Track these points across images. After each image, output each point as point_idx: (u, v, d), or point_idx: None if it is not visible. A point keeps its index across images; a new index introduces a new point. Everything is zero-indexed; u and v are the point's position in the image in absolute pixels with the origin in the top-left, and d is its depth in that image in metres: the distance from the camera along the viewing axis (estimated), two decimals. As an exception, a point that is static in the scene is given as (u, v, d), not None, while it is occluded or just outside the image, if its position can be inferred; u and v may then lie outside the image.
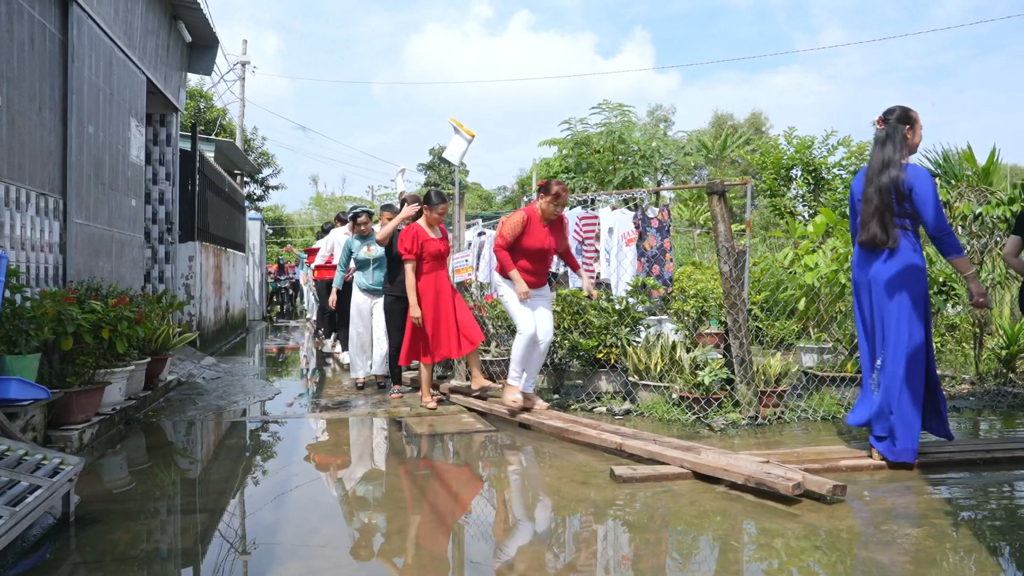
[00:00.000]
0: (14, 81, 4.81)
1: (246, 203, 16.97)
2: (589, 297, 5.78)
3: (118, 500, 3.60)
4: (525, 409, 5.25)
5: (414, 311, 5.62)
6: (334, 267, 7.85)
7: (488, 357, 6.82)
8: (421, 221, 5.83)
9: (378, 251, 6.75)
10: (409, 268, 5.66)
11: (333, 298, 7.38)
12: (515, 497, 3.76)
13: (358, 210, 6.95)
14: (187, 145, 9.60)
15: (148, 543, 3.02)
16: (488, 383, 5.85)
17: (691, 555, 2.96)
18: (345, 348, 8.81)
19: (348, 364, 7.80)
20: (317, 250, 9.17)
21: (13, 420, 3.80)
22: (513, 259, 5.24)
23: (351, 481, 4.02)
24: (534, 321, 5.24)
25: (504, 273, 5.32)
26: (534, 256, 5.30)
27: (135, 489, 3.81)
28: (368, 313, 6.84)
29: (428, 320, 5.67)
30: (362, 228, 6.84)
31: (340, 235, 8.19)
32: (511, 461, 4.50)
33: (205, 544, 3.04)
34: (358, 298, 6.88)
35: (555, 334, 6.28)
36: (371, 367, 6.88)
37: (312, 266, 8.39)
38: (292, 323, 17.49)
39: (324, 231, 10.56)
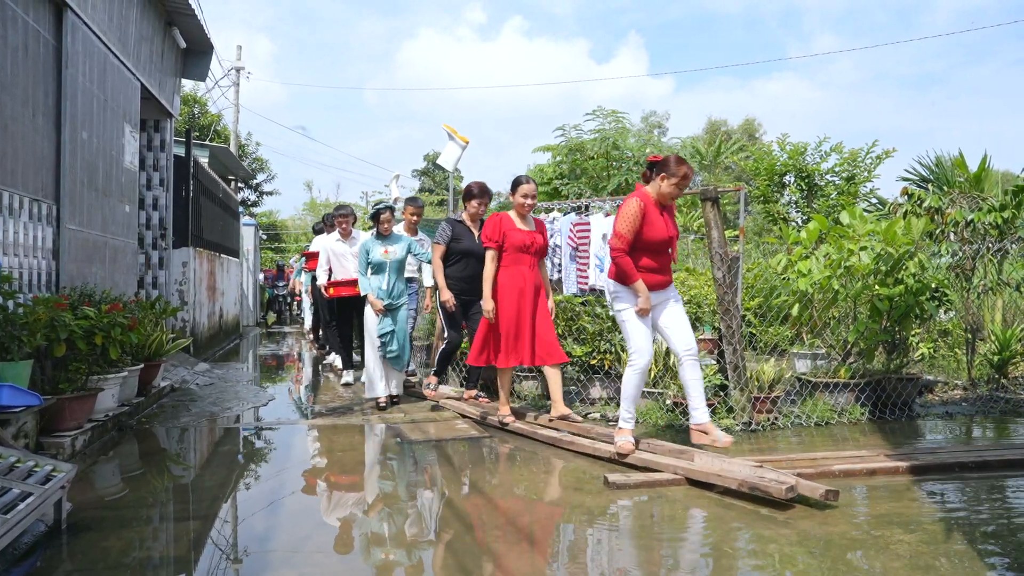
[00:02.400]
0: (7, 87, 4.80)
1: (240, 209, 16.95)
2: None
3: (110, 507, 3.58)
4: (622, 454, 4.27)
5: (486, 304, 5.10)
6: (345, 283, 7.29)
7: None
8: (511, 210, 5.31)
9: (398, 253, 6.18)
10: (488, 258, 5.16)
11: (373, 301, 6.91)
12: (509, 503, 3.76)
13: (380, 206, 6.26)
14: (181, 151, 9.58)
15: (141, 550, 3.01)
16: (567, 411, 5.04)
17: (685, 561, 2.96)
18: (336, 352, 8.77)
19: (342, 370, 7.78)
20: (315, 254, 8.54)
21: (5, 427, 3.78)
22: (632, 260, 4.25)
23: (344, 488, 4.01)
24: (651, 346, 4.30)
25: (623, 281, 4.28)
26: (657, 250, 4.30)
27: (128, 496, 3.79)
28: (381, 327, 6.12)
29: (504, 317, 5.06)
30: (385, 227, 6.16)
31: (331, 242, 7.73)
32: (505, 468, 4.50)
33: (198, 551, 3.03)
34: (372, 318, 6.13)
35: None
36: (393, 386, 6.26)
37: (321, 284, 7.78)
38: (286, 329, 17.45)
39: (316, 231, 10.18)
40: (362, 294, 6.18)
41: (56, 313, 4.28)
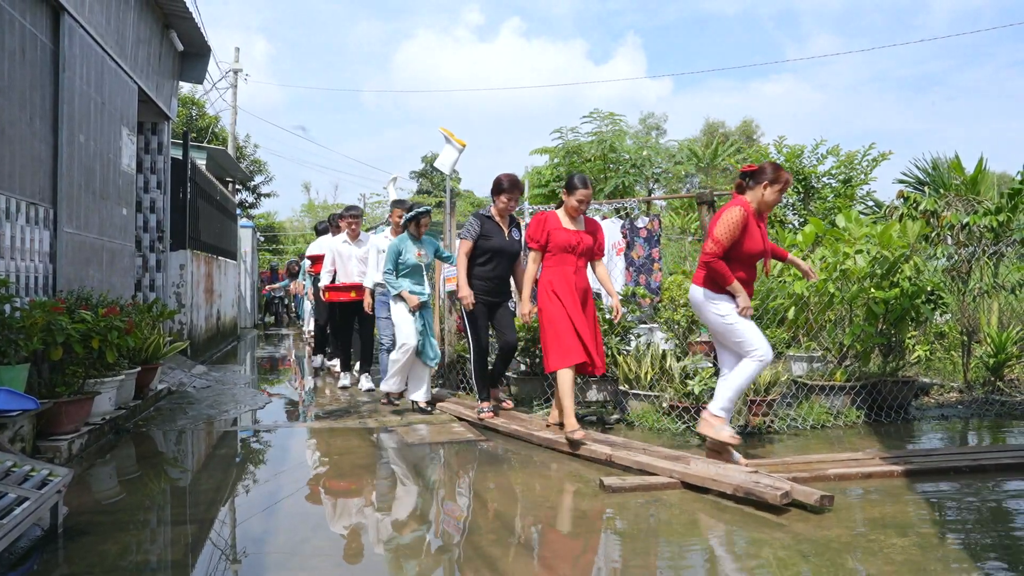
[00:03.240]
0: (5, 91, 4.81)
1: (238, 211, 16.94)
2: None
3: (107, 511, 3.58)
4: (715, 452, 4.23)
5: (524, 306, 4.88)
6: (344, 288, 7.25)
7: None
8: (560, 209, 5.02)
9: (429, 256, 6.21)
10: (531, 258, 4.94)
11: (368, 302, 6.75)
12: (504, 507, 3.76)
13: (420, 210, 6.15)
14: (179, 153, 9.59)
15: (138, 554, 3.01)
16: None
17: (680, 565, 2.97)
18: (333, 357, 8.76)
19: (339, 373, 7.78)
20: (321, 257, 8.23)
21: (1, 431, 3.78)
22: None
23: (341, 491, 4.02)
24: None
25: (718, 286, 4.19)
26: (751, 263, 4.23)
27: (125, 500, 3.79)
28: (415, 325, 6.06)
29: (559, 318, 4.72)
30: (422, 230, 6.18)
31: (338, 243, 7.58)
32: (502, 471, 4.50)
33: (195, 555, 3.03)
34: (408, 321, 6.04)
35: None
36: (423, 393, 6.13)
37: (322, 286, 7.59)
38: (284, 331, 17.44)
39: (318, 231, 9.93)
40: (392, 293, 6.10)
41: (53, 317, 4.29)
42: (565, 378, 4.69)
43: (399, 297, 6.08)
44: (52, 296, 5.42)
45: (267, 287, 19.76)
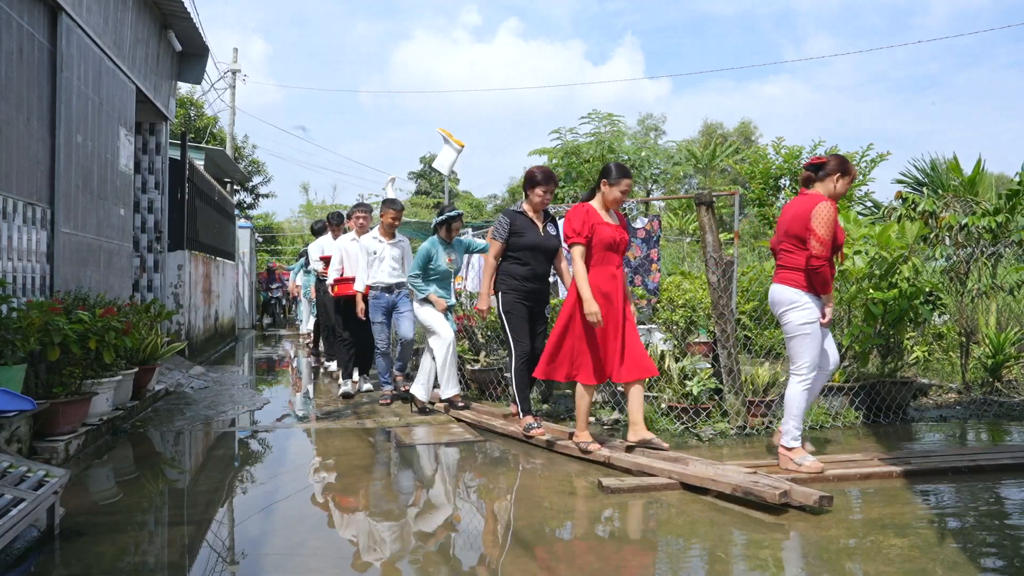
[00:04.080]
0: (2, 91, 4.80)
1: (236, 211, 16.92)
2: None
3: (104, 512, 3.57)
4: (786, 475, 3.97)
5: (589, 306, 4.26)
6: (349, 280, 6.98)
7: (477, 367, 6.81)
8: (595, 201, 4.59)
9: (459, 261, 6.10)
10: (578, 254, 4.39)
11: (361, 307, 6.57)
12: (503, 508, 3.76)
13: (452, 213, 5.97)
14: (177, 154, 9.57)
15: (135, 555, 3.00)
16: (651, 435, 4.42)
17: (678, 566, 2.97)
18: (332, 358, 8.71)
19: (337, 374, 7.76)
20: (330, 257, 7.94)
21: (-2, 432, 3.77)
22: None
23: (339, 492, 4.01)
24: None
25: (820, 290, 4.03)
26: (832, 260, 4.11)
27: (122, 501, 3.78)
28: (447, 329, 5.91)
29: (590, 326, 4.38)
30: (455, 235, 6.07)
31: (346, 242, 7.35)
32: (500, 472, 4.49)
33: (192, 556, 3.02)
34: (438, 316, 5.91)
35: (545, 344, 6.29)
36: (453, 388, 5.97)
37: (330, 282, 7.36)
38: (282, 332, 17.42)
39: (315, 232, 9.72)
40: (419, 297, 5.98)
41: (50, 317, 4.28)
42: (590, 394, 4.50)
43: (426, 301, 5.95)
44: (49, 296, 5.41)
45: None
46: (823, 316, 4.06)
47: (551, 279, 7.46)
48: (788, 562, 2.93)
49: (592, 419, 5.64)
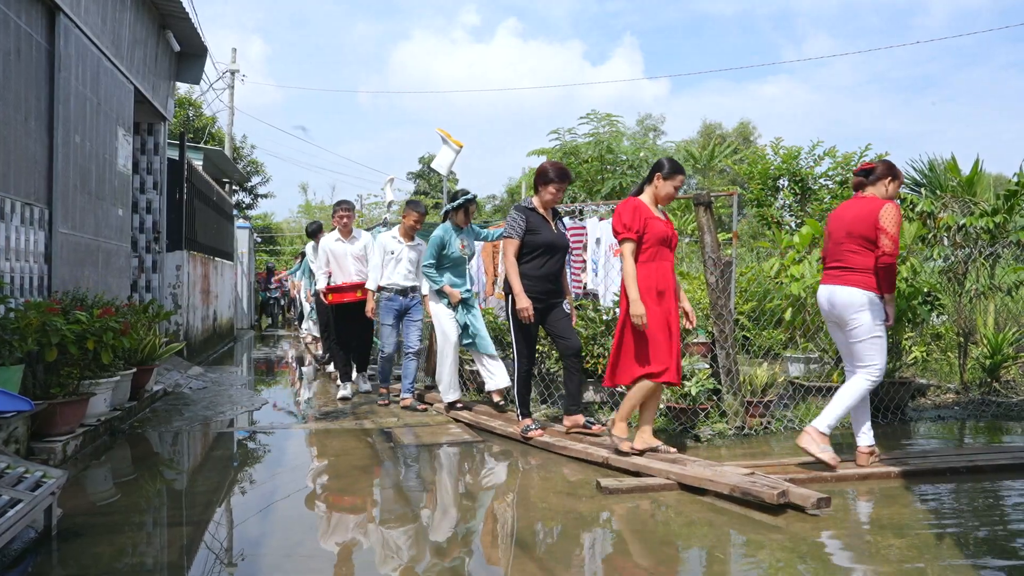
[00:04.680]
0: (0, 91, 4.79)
1: (235, 211, 16.91)
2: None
3: (102, 513, 3.57)
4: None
5: (635, 307, 4.11)
6: (348, 288, 6.76)
7: (476, 367, 6.80)
8: (645, 196, 4.43)
9: (472, 247, 5.92)
10: (628, 251, 4.21)
11: (371, 306, 6.39)
12: (502, 509, 3.76)
13: (468, 196, 5.77)
14: (175, 154, 9.57)
15: (132, 556, 2.99)
16: (658, 442, 4.39)
17: (676, 566, 2.97)
18: (330, 362, 8.61)
19: (336, 375, 7.73)
20: None
21: (-4, 432, 3.77)
22: None
23: (337, 493, 4.01)
24: None
25: (888, 289, 4.07)
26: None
27: (119, 501, 3.78)
28: (457, 325, 5.85)
29: (652, 324, 4.18)
30: (470, 219, 5.87)
31: (330, 242, 7.03)
32: (498, 472, 4.49)
33: (190, 557, 3.02)
34: (448, 315, 5.82)
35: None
36: (500, 380, 5.80)
37: (319, 289, 7.09)
38: (280, 332, 17.41)
39: (309, 234, 9.23)
40: (435, 287, 5.81)
41: (48, 317, 4.27)
42: (650, 391, 4.29)
43: (440, 292, 5.83)
44: (47, 297, 5.40)
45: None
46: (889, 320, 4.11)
47: None
48: (786, 563, 2.93)
49: (590, 419, 5.64)
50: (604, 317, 6.19)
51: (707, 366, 5.49)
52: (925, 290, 5.95)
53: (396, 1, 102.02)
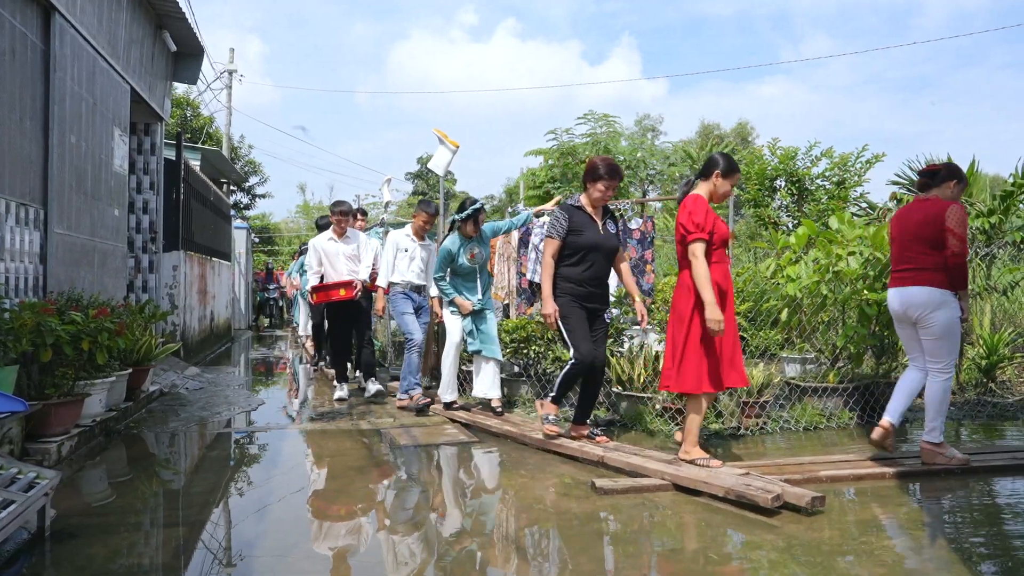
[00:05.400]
0: (-5, 91, 4.79)
1: (232, 212, 16.89)
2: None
3: (96, 514, 3.56)
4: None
5: (713, 312, 3.91)
6: (333, 286, 6.53)
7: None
8: (702, 192, 4.22)
9: (484, 254, 5.79)
10: (700, 251, 3.98)
11: (380, 305, 6.31)
12: (497, 508, 3.75)
13: (477, 206, 5.68)
14: (172, 154, 9.56)
15: (127, 557, 2.99)
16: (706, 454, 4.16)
17: (671, 567, 2.97)
18: (331, 365, 8.44)
19: (334, 383, 7.48)
20: None
21: (-10, 433, 3.76)
22: None
23: (333, 494, 4.00)
24: None
25: (962, 286, 4.15)
26: None
27: (114, 502, 3.77)
28: (462, 328, 5.81)
29: (724, 333, 4.04)
30: (478, 229, 5.74)
31: (323, 241, 6.79)
32: (494, 472, 4.50)
33: (185, 558, 3.01)
34: (455, 319, 5.83)
35: (539, 344, 6.30)
36: (488, 387, 5.77)
37: (308, 288, 6.83)
38: (278, 332, 17.40)
39: (321, 228, 9.43)
40: (446, 300, 5.80)
41: (43, 318, 4.26)
42: (706, 402, 4.19)
43: (452, 304, 5.81)
44: (42, 297, 5.39)
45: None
46: (964, 314, 4.19)
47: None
48: (780, 564, 2.93)
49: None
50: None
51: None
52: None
53: (394, 1, 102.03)
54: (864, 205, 11.50)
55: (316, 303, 6.87)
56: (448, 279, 5.79)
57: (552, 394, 4.78)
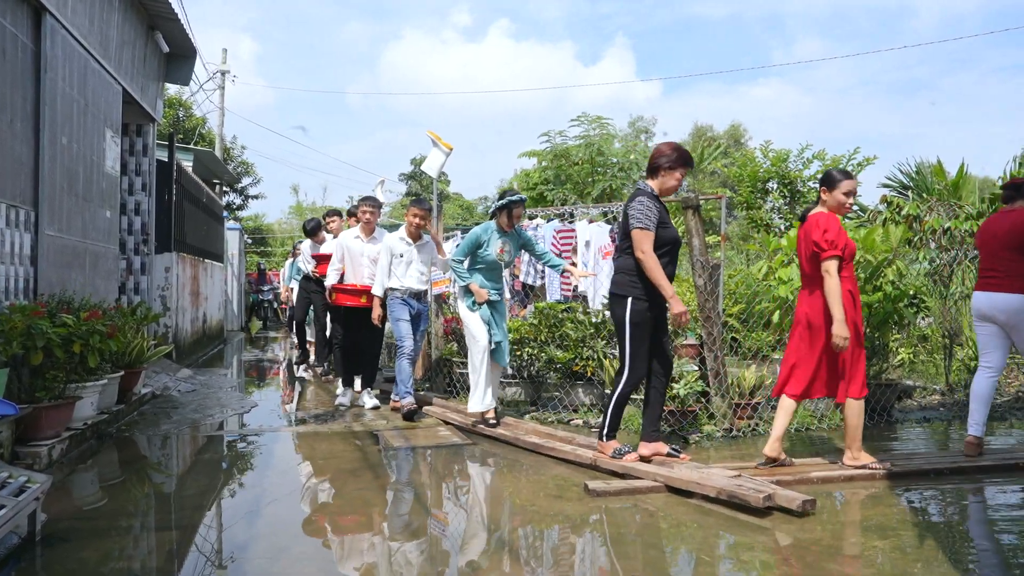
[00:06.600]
0: (-15, 92, 4.76)
1: (225, 213, 16.83)
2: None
3: (88, 517, 3.55)
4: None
5: (842, 329, 3.91)
6: (355, 291, 6.35)
7: (466, 370, 6.80)
8: (823, 209, 4.18)
9: (511, 254, 5.50)
10: (835, 269, 3.96)
11: (378, 313, 6.05)
12: (490, 511, 3.76)
13: (514, 198, 5.33)
14: (164, 155, 9.52)
15: (118, 561, 2.98)
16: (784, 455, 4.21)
17: (663, 568, 2.98)
18: (335, 374, 7.83)
19: (338, 388, 7.01)
20: (327, 256, 7.27)
21: (-20, 436, 3.74)
22: None
23: (326, 496, 4.00)
24: None
25: None
26: None
27: (106, 506, 3.76)
28: (487, 329, 5.41)
29: (857, 344, 4.12)
30: (516, 222, 5.44)
31: (349, 239, 6.55)
32: (487, 475, 4.50)
33: (177, 561, 3.01)
34: (475, 317, 5.38)
35: (532, 346, 6.30)
36: (490, 397, 5.41)
37: (328, 284, 6.59)
38: (272, 334, 17.35)
39: (307, 231, 9.03)
40: (462, 284, 5.41)
41: (33, 321, 4.24)
42: (861, 409, 4.19)
43: (467, 290, 5.39)
44: (33, 300, 5.36)
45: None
46: None
47: (540, 280, 7.50)
48: (772, 565, 2.95)
49: (580, 421, 5.66)
50: (593, 320, 6.20)
51: (696, 368, 5.52)
52: (911, 292, 5.99)
53: (387, 1, 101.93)
54: (855, 207, 11.57)
55: (335, 304, 6.59)
56: (467, 266, 5.42)
57: (606, 432, 4.30)
